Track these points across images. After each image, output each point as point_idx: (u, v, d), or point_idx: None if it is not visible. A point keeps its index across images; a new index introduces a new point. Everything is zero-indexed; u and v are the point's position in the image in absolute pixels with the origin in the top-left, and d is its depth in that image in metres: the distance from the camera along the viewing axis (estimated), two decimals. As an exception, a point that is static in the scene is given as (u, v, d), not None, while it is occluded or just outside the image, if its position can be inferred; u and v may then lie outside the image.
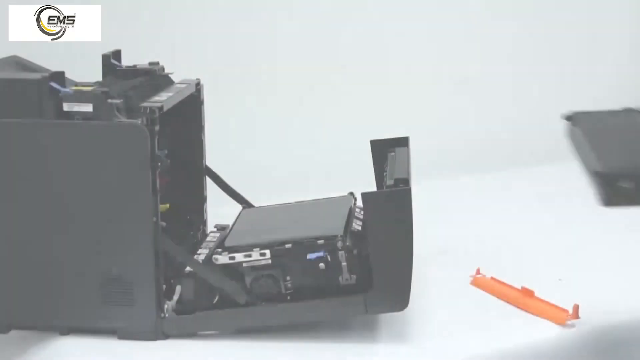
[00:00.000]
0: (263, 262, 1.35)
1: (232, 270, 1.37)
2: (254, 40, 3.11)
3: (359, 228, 1.43)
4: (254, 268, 1.36)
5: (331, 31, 3.08)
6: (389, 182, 1.33)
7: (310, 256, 1.34)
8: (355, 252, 1.35)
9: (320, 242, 1.34)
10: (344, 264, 1.34)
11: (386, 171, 1.44)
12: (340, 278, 1.35)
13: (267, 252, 1.35)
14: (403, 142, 1.56)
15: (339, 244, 1.33)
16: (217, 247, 1.41)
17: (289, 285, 1.36)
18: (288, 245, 1.35)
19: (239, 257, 1.36)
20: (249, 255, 1.35)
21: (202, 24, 3.10)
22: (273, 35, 3.09)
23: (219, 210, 1.68)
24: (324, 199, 1.60)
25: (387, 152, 1.54)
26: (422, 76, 3.07)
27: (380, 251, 1.31)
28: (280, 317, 1.36)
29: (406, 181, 1.31)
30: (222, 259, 1.37)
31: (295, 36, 3.08)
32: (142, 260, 1.33)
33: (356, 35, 3.07)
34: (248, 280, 1.36)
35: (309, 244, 1.35)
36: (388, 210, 1.30)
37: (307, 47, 3.05)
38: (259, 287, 1.36)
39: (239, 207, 1.64)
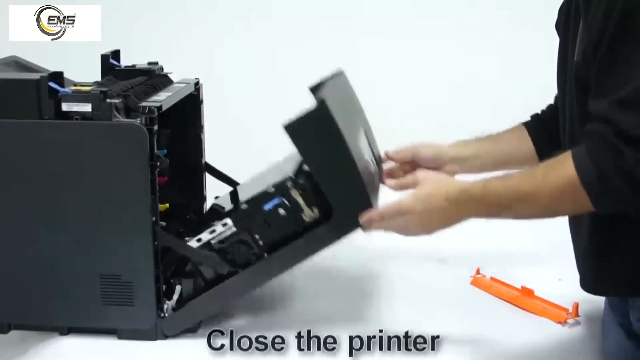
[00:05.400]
0: (229, 232, 1.36)
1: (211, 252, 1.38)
2: (254, 40, 3.12)
3: None
4: (223, 241, 1.37)
5: (330, 31, 3.09)
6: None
7: (266, 206, 1.35)
8: (310, 189, 1.34)
9: (271, 190, 1.35)
10: (300, 200, 1.34)
11: None
12: (303, 216, 1.35)
13: (228, 220, 1.36)
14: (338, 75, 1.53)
15: (289, 183, 1.34)
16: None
17: (261, 243, 1.36)
18: (244, 206, 1.36)
19: (205, 236, 1.37)
20: (213, 231, 1.37)
21: (202, 24, 3.11)
22: (273, 36, 3.10)
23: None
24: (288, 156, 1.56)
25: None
26: (423, 76, 3.07)
27: (324, 173, 1.31)
28: (265, 274, 1.37)
29: (322, 100, 1.29)
30: (193, 243, 1.38)
31: (295, 36, 3.09)
32: (142, 260, 1.33)
33: (356, 36, 3.07)
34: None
35: (261, 196, 1.36)
36: (314, 132, 1.30)
37: (307, 47, 3.06)
38: (233, 255, 1.37)
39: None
